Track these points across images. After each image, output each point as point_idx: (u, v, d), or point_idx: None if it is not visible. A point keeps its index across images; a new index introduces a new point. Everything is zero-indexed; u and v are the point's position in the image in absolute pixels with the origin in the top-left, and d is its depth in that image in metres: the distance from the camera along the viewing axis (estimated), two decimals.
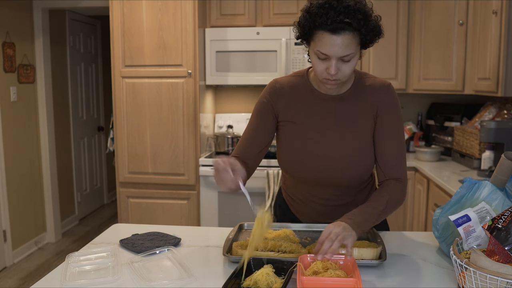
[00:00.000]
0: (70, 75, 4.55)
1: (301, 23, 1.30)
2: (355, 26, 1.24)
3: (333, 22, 1.22)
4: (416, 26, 3.18)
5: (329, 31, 1.23)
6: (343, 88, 1.42)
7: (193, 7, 3.04)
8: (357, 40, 1.27)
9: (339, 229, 1.20)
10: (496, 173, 1.32)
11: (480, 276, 0.99)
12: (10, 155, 3.64)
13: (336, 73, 1.28)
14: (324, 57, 1.27)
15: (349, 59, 1.28)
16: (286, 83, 1.48)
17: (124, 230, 1.65)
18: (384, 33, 1.35)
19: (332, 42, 1.24)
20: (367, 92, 1.42)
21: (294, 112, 1.45)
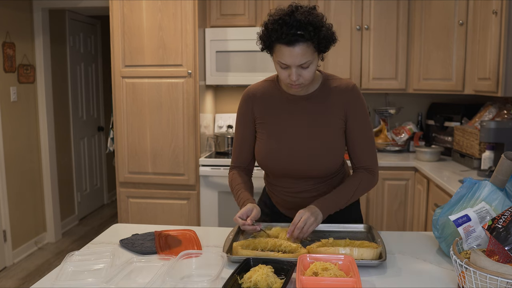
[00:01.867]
0: (70, 75, 4.55)
1: (261, 37, 1.47)
2: (307, 37, 1.37)
3: (287, 36, 1.36)
4: (416, 26, 3.19)
5: (285, 43, 1.38)
6: (310, 89, 1.56)
7: (193, 7, 3.04)
8: (311, 49, 1.40)
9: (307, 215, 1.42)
10: (496, 173, 1.32)
11: (480, 276, 0.99)
12: (10, 155, 3.64)
13: (297, 79, 1.43)
14: (284, 66, 1.42)
15: (307, 66, 1.42)
16: (258, 89, 1.63)
17: (124, 230, 1.65)
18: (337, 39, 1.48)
19: (289, 53, 1.38)
20: (334, 93, 1.55)
21: (267, 113, 1.60)
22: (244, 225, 1.44)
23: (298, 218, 1.42)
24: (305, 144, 1.54)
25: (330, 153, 1.55)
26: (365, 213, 3.11)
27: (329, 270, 1.15)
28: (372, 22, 3.25)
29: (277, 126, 1.57)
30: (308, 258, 1.22)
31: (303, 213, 1.42)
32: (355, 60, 3.30)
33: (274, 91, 1.60)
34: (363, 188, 1.57)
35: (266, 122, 1.59)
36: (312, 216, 1.42)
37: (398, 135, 3.44)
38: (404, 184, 3.07)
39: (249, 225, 1.44)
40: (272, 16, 1.42)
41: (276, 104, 1.58)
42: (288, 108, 1.56)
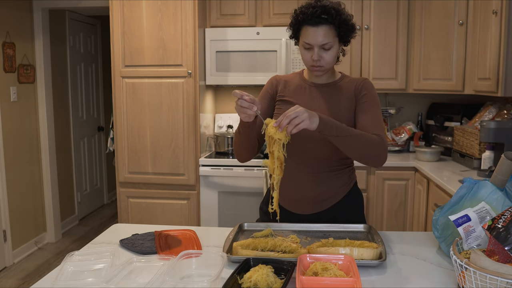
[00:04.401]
0: (70, 75, 4.55)
1: (291, 24, 1.65)
2: (330, 20, 1.55)
3: (313, 17, 1.55)
4: (416, 26, 3.19)
5: (310, 25, 1.56)
6: (329, 79, 1.70)
7: (193, 7, 3.04)
8: (333, 32, 1.57)
9: (302, 109, 1.37)
10: (496, 173, 1.32)
11: (480, 276, 0.99)
12: (10, 155, 3.64)
13: (319, 59, 1.58)
14: (308, 47, 1.59)
15: (328, 47, 1.58)
16: (284, 76, 1.80)
17: (124, 230, 1.65)
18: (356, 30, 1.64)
19: (313, 33, 1.56)
20: (349, 84, 1.69)
21: (289, 93, 1.72)
22: (242, 97, 1.39)
23: (290, 109, 1.37)
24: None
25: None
26: (365, 213, 3.11)
27: (329, 270, 1.16)
28: (372, 22, 3.25)
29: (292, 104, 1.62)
30: (308, 258, 1.22)
31: (297, 107, 1.38)
32: (355, 60, 3.30)
33: (298, 80, 1.74)
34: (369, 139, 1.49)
35: (287, 100, 1.69)
36: (306, 112, 1.36)
37: (398, 135, 3.44)
38: (404, 184, 3.07)
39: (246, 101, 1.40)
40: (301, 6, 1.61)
41: (298, 87, 1.71)
42: (308, 92, 1.69)
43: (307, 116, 1.36)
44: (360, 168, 3.05)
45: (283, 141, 1.39)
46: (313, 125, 1.38)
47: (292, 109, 1.37)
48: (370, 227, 1.56)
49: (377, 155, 1.52)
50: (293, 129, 1.35)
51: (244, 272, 1.17)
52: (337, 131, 1.44)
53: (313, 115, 1.39)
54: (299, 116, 1.35)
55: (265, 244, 1.37)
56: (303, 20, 1.57)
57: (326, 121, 1.42)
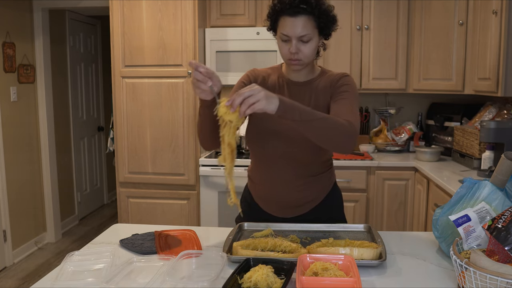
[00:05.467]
0: (70, 75, 4.55)
1: (269, 14, 1.56)
2: (309, 10, 1.47)
3: (291, 7, 1.47)
4: (416, 26, 3.19)
5: (289, 15, 1.48)
6: (308, 76, 1.62)
7: (193, 7, 3.04)
8: (312, 23, 1.48)
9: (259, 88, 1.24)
10: (496, 173, 1.32)
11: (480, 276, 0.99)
12: (10, 155, 3.64)
13: (297, 52, 1.49)
14: (286, 39, 1.50)
15: (307, 40, 1.49)
16: (262, 71, 1.69)
17: (124, 230, 1.65)
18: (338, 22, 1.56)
19: (291, 24, 1.47)
20: (328, 79, 1.61)
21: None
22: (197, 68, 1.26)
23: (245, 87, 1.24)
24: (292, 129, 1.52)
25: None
26: (365, 213, 3.11)
27: (329, 270, 1.15)
28: (372, 22, 3.25)
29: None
30: (308, 258, 1.22)
31: (253, 86, 1.25)
32: (355, 60, 3.30)
33: (276, 76, 1.66)
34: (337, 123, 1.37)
35: None
36: (263, 91, 1.24)
37: (398, 135, 3.44)
38: (404, 184, 3.07)
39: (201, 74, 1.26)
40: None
41: (276, 86, 1.63)
42: (287, 91, 1.61)
43: (264, 95, 1.23)
44: (360, 168, 3.06)
45: (235, 124, 1.24)
46: (271, 106, 1.25)
47: (248, 87, 1.24)
48: (370, 227, 1.56)
49: (344, 141, 1.39)
50: (247, 110, 1.22)
51: (244, 272, 1.17)
52: (301, 115, 1.31)
53: (271, 96, 1.26)
54: (255, 95, 1.22)
55: (265, 244, 1.37)
56: (280, 10, 1.49)
57: (287, 104, 1.29)
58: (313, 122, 1.33)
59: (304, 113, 1.32)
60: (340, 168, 3.04)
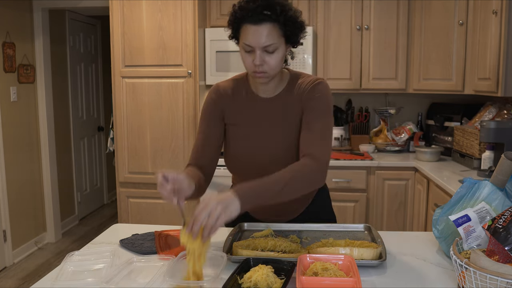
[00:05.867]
0: (70, 75, 4.55)
1: (230, 21, 1.41)
2: (274, 17, 1.33)
3: (254, 14, 1.33)
4: (416, 26, 3.19)
5: (251, 23, 1.34)
6: (277, 89, 1.50)
7: (193, 7, 3.04)
8: (277, 32, 1.36)
9: (213, 205, 1.13)
10: (496, 173, 1.32)
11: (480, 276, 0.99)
12: (10, 155, 3.64)
13: (261, 64, 1.37)
14: (249, 49, 1.37)
15: (272, 50, 1.36)
16: (228, 87, 1.55)
17: (124, 230, 1.65)
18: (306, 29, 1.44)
19: (255, 33, 1.34)
20: (297, 90, 1.49)
21: (236, 114, 1.53)
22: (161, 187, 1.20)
23: (200, 208, 1.13)
24: (270, 149, 1.49)
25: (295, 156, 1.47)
26: (365, 213, 3.11)
27: (329, 270, 1.15)
28: (372, 22, 3.25)
29: (246, 128, 1.52)
30: (308, 258, 1.22)
31: (208, 202, 1.13)
32: (355, 60, 3.30)
33: (243, 91, 1.53)
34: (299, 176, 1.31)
35: (235, 124, 1.53)
36: (219, 204, 1.14)
37: (398, 135, 3.44)
38: (404, 184, 3.07)
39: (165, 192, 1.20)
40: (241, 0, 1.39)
41: (245, 104, 1.52)
42: (257, 109, 1.51)
43: (222, 208, 1.13)
44: (360, 168, 3.06)
45: (199, 252, 1.13)
46: (234, 212, 1.16)
47: (200, 208, 1.12)
48: (370, 227, 1.56)
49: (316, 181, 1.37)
50: (210, 232, 1.12)
51: (244, 272, 1.17)
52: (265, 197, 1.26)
53: (229, 202, 1.16)
54: (212, 214, 1.11)
55: (265, 244, 1.37)
56: (242, 18, 1.35)
57: (248, 197, 1.21)
58: (281, 192, 1.28)
59: (268, 193, 1.26)
60: (340, 168, 3.04)
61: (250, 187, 1.26)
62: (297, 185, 1.32)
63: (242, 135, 1.53)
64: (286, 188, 1.28)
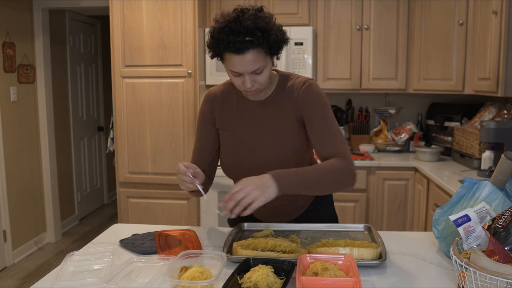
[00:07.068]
0: (70, 75, 4.55)
1: (209, 46, 1.40)
2: (256, 43, 1.30)
3: (235, 44, 1.29)
4: (416, 26, 3.19)
5: (234, 52, 1.31)
6: (267, 93, 1.50)
7: (193, 7, 3.04)
8: (262, 54, 1.33)
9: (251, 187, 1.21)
10: (496, 173, 1.32)
11: (480, 276, 0.99)
12: (10, 155, 3.64)
13: (252, 85, 1.37)
14: (237, 74, 1.36)
15: (260, 71, 1.36)
16: (219, 93, 1.58)
17: (124, 230, 1.65)
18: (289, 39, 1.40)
19: (240, 62, 1.32)
20: (288, 93, 1.48)
21: (227, 119, 1.54)
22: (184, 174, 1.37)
23: (238, 187, 1.22)
24: (263, 152, 1.49)
25: (290, 159, 1.47)
26: (365, 213, 3.11)
27: (329, 270, 1.15)
28: (372, 22, 3.25)
29: (238, 133, 1.53)
30: (308, 258, 1.22)
31: (246, 183, 1.23)
32: (355, 60, 3.30)
33: (234, 96, 1.54)
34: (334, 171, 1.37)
35: (226, 129, 1.55)
36: (257, 189, 1.21)
37: (398, 135, 3.44)
38: (404, 184, 3.07)
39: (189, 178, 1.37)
40: (217, 23, 1.35)
41: (235, 109, 1.53)
42: (247, 113, 1.51)
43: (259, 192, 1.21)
44: (360, 168, 3.05)
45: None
46: (270, 197, 1.24)
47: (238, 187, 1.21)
48: (370, 227, 1.56)
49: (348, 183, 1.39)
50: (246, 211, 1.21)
51: (244, 272, 1.17)
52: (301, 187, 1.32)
53: (267, 186, 1.23)
54: (249, 195, 1.20)
55: (265, 244, 1.37)
56: (224, 48, 1.33)
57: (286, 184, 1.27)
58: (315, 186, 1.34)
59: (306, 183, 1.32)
60: None
61: (289, 174, 1.30)
62: (331, 181, 1.37)
63: (234, 140, 1.54)
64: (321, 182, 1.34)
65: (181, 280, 1.13)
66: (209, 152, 1.59)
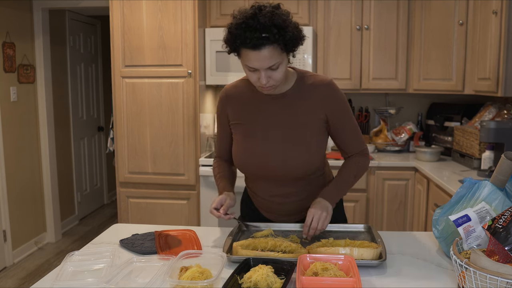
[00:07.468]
0: (70, 75, 4.55)
1: (226, 41, 1.42)
2: (273, 39, 1.33)
3: (252, 40, 1.32)
4: (416, 26, 3.19)
5: (250, 48, 1.34)
6: (284, 87, 1.53)
7: (193, 7, 3.04)
8: (278, 50, 1.36)
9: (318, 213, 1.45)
10: (496, 173, 1.32)
11: (480, 276, 0.99)
12: (10, 155, 3.64)
13: (268, 81, 1.41)
14: (253, 70, 1.40)
15: (276, 67, 1.39)
16: (233, 89, 1.62)
17: (124, 230, 1.65)
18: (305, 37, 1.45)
19: (256, 57, 1.35)
20: (310, 90, 1.53)
21: (242, 113, 1.58)
22: (219, 216, 1.48)
23: (310, 218, 1.44)
24: (279, 146, 1.52)
25: (306, 154, 1.52)
26: (365, 213, 3.11)
27: (329, 270, 1.15)
28: (372, 22, 3.25)
29: (252, 128, 1.55)
30: (308, 258, 1.22)
31: (314, 212, 1.45)
32: (355, 60, 3.30)
33: (249, 91, 1.57)
34: (361, 170, 1.61)
35: (241, 123, 1.57)
36: (323, 211, 1.45)
37: (398, 135, 3.44)
38: (404, 184, 3.07)
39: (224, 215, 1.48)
40: (235, 19, 1.38)
41: (250, 103, 1.56)
42: (262, 108, 1.54)
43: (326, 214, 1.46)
44: None
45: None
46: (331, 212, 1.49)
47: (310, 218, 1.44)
48: (370, 227, 1.56)
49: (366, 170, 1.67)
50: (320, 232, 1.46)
51: (244, 272, 1.17)
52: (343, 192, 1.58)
53: (326, 206, 1.47)
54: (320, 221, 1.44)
55: (265, 244, 1.37)
56: (240, 43, 1.35)
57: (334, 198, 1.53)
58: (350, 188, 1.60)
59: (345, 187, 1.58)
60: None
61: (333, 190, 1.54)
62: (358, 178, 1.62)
63: (247, 133, 1.56)
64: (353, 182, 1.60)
65: (181, 280, 1.13)
66: (228, 146, 1.67)
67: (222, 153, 1.71)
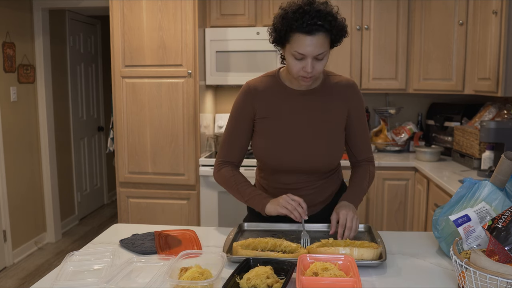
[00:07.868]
0: (70, 75, 4.55)
1: (277, 28, 1.45)
2: (327, 27, 1.39)
3: (308, 25, 1.37)
4: (416, 26, 3.19)
5: (305, 33, 1.38)
6: (312, 84, 1.57)
7: (193, 7, 3.04)
8: (328, 40, 1.43)
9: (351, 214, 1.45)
10: (496, 173, 1.32)
11: (480, 276, 0.99)
12: (10, 155, 3.64)
13: (312, 71, 1.43)
14: (300, 57, 1.42)
15: (322, 57, 1.44)
16: (260, 84, 1.62)
17: (124, 230, 1.65)
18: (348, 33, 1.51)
19: (308, 43, 1.39)
20: (336, 89, 1.59)
21: (269, 108, 1.58)
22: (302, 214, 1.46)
23: (344, 218, 1.44)
24: (307, 141, 1.55)
25: (332, 149, 1.58)
26: (365, 213, 3.11)
27: (329, 270, 1.15)
28: (372, 22, 3.25)
29: (279, 122, 1.57)
30: (308, 258, 1.22)
31: (346, 213, 1.45)
32: (355, 60, 3.30)
33: (276, 86, 1.59)
34: (372, 178, 1.67)
35: (268, 117, 1.58)
36: (354, 213, 1.47)
37: (398, 135, 3.44)
38: (404, 184, 3.07)
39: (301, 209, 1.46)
40: (290, 6, 1.41)
41: (278, 99, 1.58)
42: (290, 103, 1.57)
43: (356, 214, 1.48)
44: None
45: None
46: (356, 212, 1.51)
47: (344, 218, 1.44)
48: (370, 227, 1.56)
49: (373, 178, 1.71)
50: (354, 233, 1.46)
51: (244, 272, 1.17)
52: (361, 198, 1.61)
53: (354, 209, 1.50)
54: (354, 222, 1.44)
55: (265, 244, 1.37)
56: (296, 27, 1.38)
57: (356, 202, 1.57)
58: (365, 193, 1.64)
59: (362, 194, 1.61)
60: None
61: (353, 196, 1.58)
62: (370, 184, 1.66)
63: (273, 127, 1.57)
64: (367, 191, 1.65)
65: (181, 280, 1.13)
66: (242, 143, 1.64)
67: (232, 154, 1.64)
